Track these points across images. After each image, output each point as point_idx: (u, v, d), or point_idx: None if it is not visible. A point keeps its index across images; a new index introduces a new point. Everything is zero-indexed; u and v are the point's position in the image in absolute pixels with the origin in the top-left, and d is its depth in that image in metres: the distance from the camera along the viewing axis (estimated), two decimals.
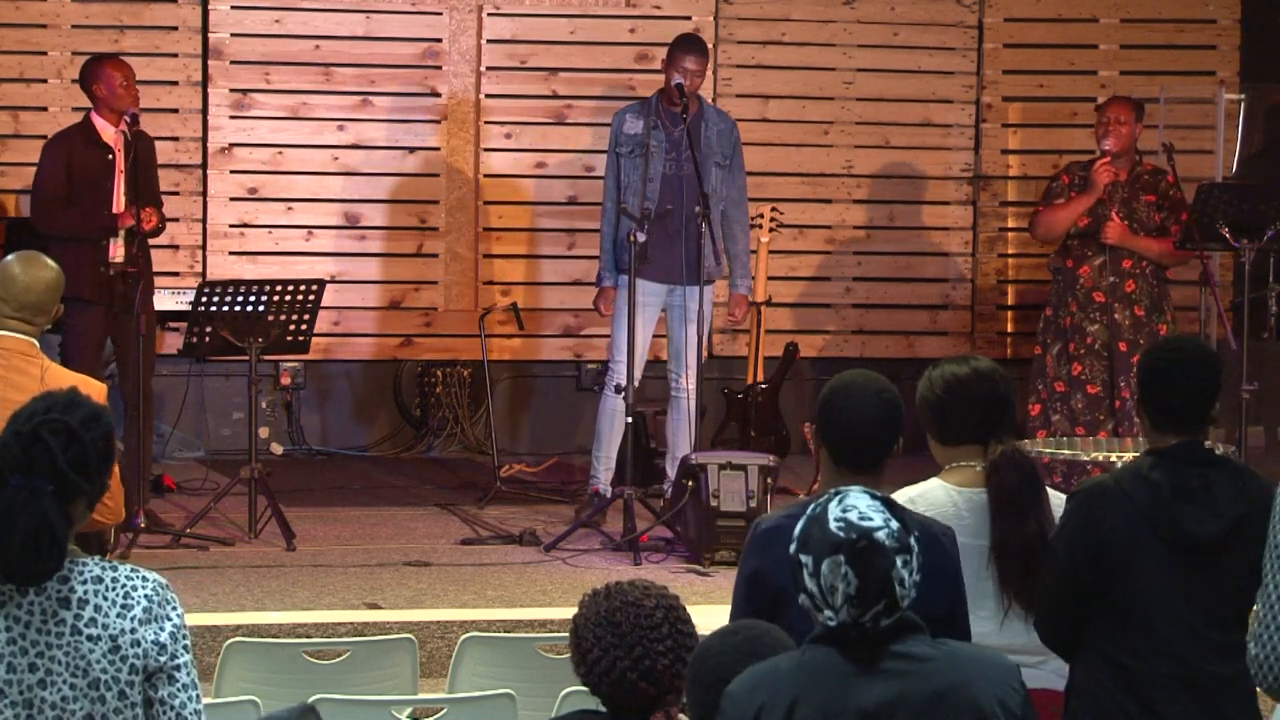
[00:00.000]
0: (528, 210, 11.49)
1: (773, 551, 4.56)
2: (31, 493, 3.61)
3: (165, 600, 3.73)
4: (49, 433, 3.65)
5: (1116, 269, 9.58)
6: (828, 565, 3.56)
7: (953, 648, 3.69)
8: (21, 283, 5.70)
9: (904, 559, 3.56)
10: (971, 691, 3.59)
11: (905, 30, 11.79)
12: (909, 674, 3.57)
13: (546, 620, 7.56)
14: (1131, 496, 4.67)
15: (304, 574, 8.54)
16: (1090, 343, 9.55)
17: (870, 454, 4.57)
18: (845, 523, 3.57)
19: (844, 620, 3.56)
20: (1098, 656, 4.73)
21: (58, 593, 3.67)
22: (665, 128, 9.64)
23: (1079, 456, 8.78)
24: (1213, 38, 12.04)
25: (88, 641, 3.66)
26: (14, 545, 3.59)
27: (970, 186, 11.92)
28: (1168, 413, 4.76)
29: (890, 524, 3.58)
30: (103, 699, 3.67)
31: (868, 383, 4.59)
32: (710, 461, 8.96)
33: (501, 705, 5.71)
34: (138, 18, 11.13)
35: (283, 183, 11.29)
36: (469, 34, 11.42)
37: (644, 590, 4.09)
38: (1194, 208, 9.67)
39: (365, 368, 11.74)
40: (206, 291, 9.24)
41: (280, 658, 6.19)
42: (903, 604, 3.56)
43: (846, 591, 3.54)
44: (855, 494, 3.63)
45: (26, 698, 3.65)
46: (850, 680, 3.56)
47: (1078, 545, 4.70)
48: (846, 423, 4.55)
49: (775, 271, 11.35)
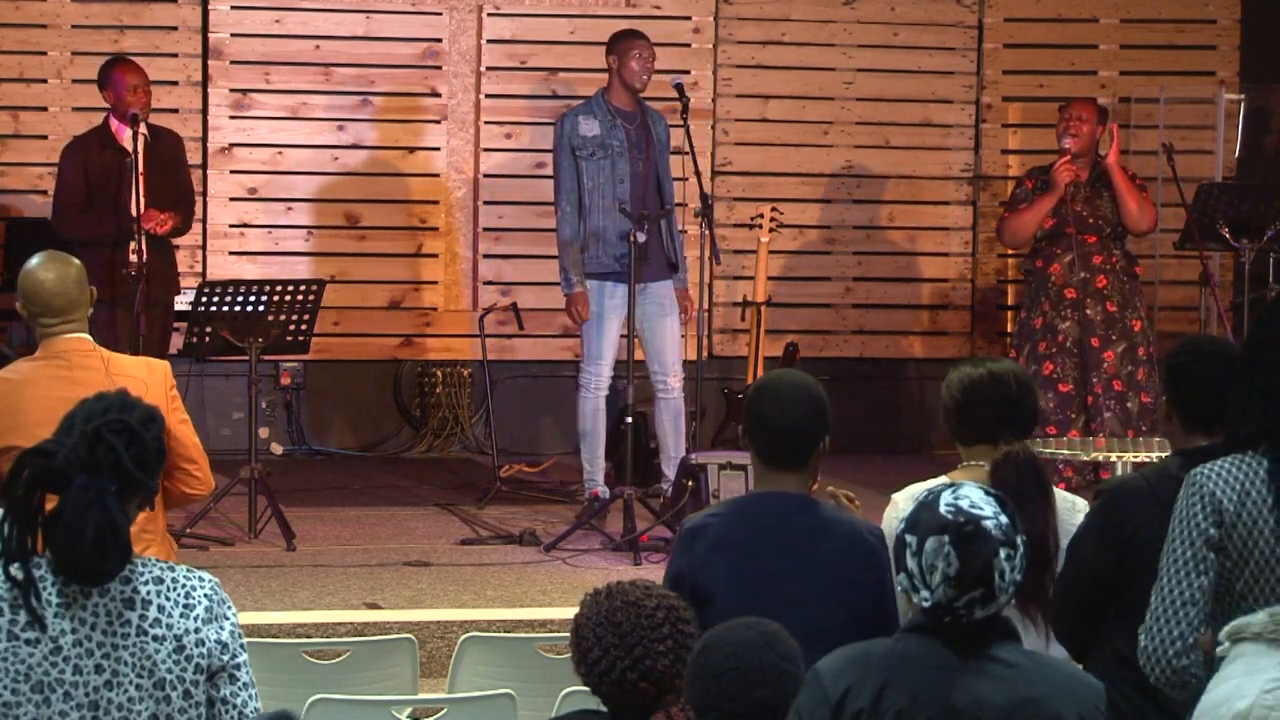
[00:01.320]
0: (527, 210, 11.49)
1: (694, 551, 4.62)
2: (97, 492, 3.63)
3: (222, 600, 3.78)
4: (111, 433, 3.68)
5: (1087, 264, 9.55)
6: (931, 544, 3.59)
7: (1042, 659, 3.72)
8: (49, 289, 5.73)
9: (1008, 553, 3.59)
10: (1055, 705, 3.61)
11: (905, 30, 11.79)
12: (1000, 678, 3.59)
13: (546, 620, 7.56)
14: (1159, 496, 4.68)
15: (304, 574, 8.54)
16: (1061, 340, 9.53)
17: (795, 452, 4.71)
18: (956, 508, 3.61)
19: (938, 601, 3.58)
20: (1113, 655, 4.73)
21: (121, 594, 3.69)
22: (623, 126, 9.63)
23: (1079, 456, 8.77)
24: (1213, 38, 12.04)
25: (153, 642, 3.69)
26: (84, 545, 3.61)
27: (970, 186, 11.92)
28: (1199, 415, 4.77)
29: (1000, 517, 3.61)
30: (168, 699, 3.69)
31: (791, 382, 4.74)
32: (710, 461, 8.96)
33: (501, 705, 5.70)
34: (138, 18, 11.14)
35: (283, 183, 11.30)
36: (469, 34, 11.43)
37: (645, 590, 4.10)
38: (1194, 208, 9.67)
39: (365, 368, 11.74)
40: (206, 291, 9.24)
41: (280, 658, 6.19)
42: (999, 597, 3.58)
43: (946, 572, 3.57)
44: (970, 486, 3.67)
45: (93, 699, 3.66)
46: (944, 674, 3.58)
47: (1104, 542, 4.71)
48: (771, 422, 4.70)
49: (775, 271, 11.35)
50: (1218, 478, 4.34)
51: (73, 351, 5.72)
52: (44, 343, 5.77)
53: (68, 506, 3.63)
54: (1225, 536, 4.32)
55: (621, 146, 9.59)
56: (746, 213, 11.06)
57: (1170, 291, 11.78)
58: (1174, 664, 4.28)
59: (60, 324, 5.76)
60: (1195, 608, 4.28)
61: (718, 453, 9.39)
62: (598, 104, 9.68)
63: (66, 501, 3.63)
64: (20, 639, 3.64)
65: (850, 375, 11.70)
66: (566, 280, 9.67)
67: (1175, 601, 4.29)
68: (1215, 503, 4.31)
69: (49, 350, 5.74)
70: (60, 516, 3.63)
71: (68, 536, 3.62)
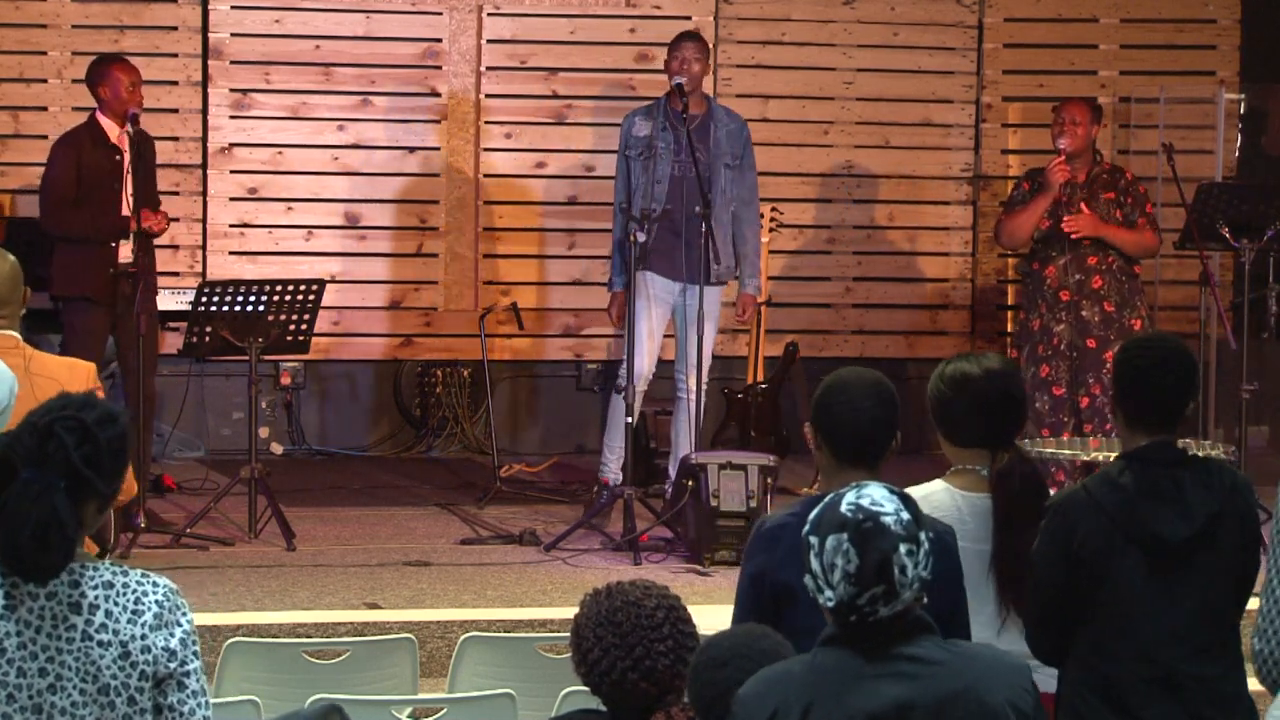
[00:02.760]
0: (528, 210, 11.49)
1: (776, 550, 4.57)
2: (44, 487, 3.61)
3: (176, 606, 3.73)
4: (63, 429, 3.65)
5: (1081, 266, 9.54)
6: (831, 542, 3.57)
7: (963, 649, 3.69)
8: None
9: (908, 548, 3.57)
10: (981, 694, 3.58)
11: (905, 30, 11.79)
12: (919, 676, 3.57)
13: (546, 620, 7.56)
14: (1102, 503, 4.65)
15: (304, 574, 8.54)
16: (1056, 343, 9.52)
17: (869, 449, 4.61)
18: (856, 506, 3.60)
19: (840, 599, 3.55)
20: (1078, 664, 4.73)
21: (68, 597, 3.67)
22: (673, 129, 9.65)
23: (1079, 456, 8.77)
24: (1213, 38, 12.04)
25: (98, 647, 3.66)
26: (24, 537, 3.59)
27: (970, 186, 11.92)
28: (1141, 412, 4.74)
29: (901, 513, 3.60)
30: (112, 705, 3.66)
31: (863, 378, 4.63)
32: (710, 461, 8.96)
33: (501, 705, 5.71)
34: (138, 18, 11.13)
35: (283, 183, 11.29)
36: (469, 34, 11.42)
37: (645, 590, 4.10)
38: (1194, 208, 9.67)
39: (365, 368, 11.74)
40: (206, 291, 9.24)
41: (280, 658, 6.19)
42: (902, 592, 3.55)
43: (845, 569, 3.55)
44: (873, 486, 3.65)
45: (36, 702, 3.64)
46: (860, 683, 3.56)
47: (1053, 556, 4.69)
48: (844, 419, 4.58)
49: (775, 271, 11.35)
50: None
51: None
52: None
53: (11, 498, 3.60)
54: None
55: (665, 148, 9.61)
56: None
57: (1170, 291, 11.78)
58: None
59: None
60: None
61: (718, 453, 9.40)
62: (658, 105, 9.76)
63: (10, 493, 3.60)
64: None
65: None
66: (610, 280, 9.82)
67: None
68: None
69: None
70: (4, 508, 3.60)
71: (8, 528, 3.59)
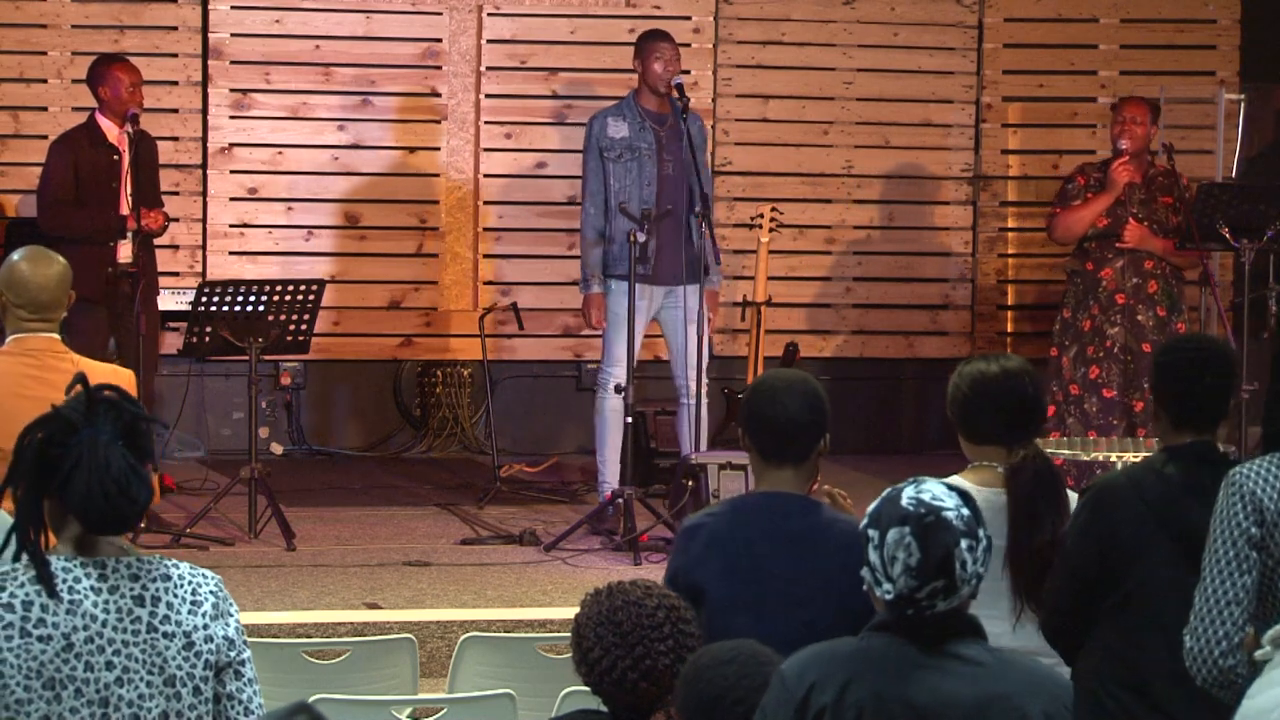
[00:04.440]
0: (527, 210, 11.49)
1: (690, 549, 4.64)
2: (109, 438, 3.62)
3: (226, 596, 3.80)
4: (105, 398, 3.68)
5: (1138, 270, 9.57)
6: (893, 535, 3.59)
7: (1008, 656, 3.70)
8: (35, 284, 5.68)
9: (969, 543, 3.59)
10: (1020, 702, 3.59)
11: (905, 30, 11.79)
12: (962, 675, 3.57)
13: (546, 620, 7.57)
14: (1142, 491, 4.68)
15: (304, 574, 8.54)
16: (1109, 346, 9.52)
17: (791, 447, 4.71)
18: (917, 500, 3.61)
19: (900, 592, 3.57)
20: (1101, 651, 4.73)
21: (131, 590, 3.70)
22: (653, 128, 9.62)
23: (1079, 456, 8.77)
24: (1213, 38, 12.04)
25: (164, 639, 3.70)
26: (109, 483, 3.60)
27: (970, 186, 11.92)
28: (1188, 411, 4.77)
29: (961, 509, 3.62)
30: (178, 695, 3.70)
31: (788, 379, 4.77)
32: (710, 461, 8.97)
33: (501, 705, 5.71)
34: (138, 18, 11.13)
35: (283, 183, 11.29)
36: (469, 34, 11.42)
37: (645, 590, 4.10)
38: (1194, 208, 9.67)
39: (365, 368, 11.74)
40: (206, 291, 9.24)
41: (280, 658, 6.19)
42: (961, 588, 3.57)
43: (907, 562, 3.57)
44: (932, 481, 3.68)
45: (103, 696, 3.66)
46: (906, 671, 3.57)
47: (1087, 538, 4.71)
48: (766, 418, 4.70)
49: (775, 271, 11.33)
50: (1258, 477, 4.33)
51: (45, 351, 5.66)
52: (15, 338, 5.69)
53: (84, 450, 3.61)
54: (1267, 535, 4.30)
55: (651, 149, 9.57)
56: (746, 213, 11.04)
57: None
58: (1220, 664, 4.27)
59: (37, 321, 5.70)
60: (1239, 607, 4.26)
61: (718, 453, 9.39)
62: (628, 106, 9.67)
63: (80, 447, 3.61)
64: (32, 635, 3.63)
65: (850, 375, 11.70)
66: (585, 281, 9.68)
67: (1219, 601, 4.27)
68: (1256, 501, 4.30)
69: (21, 346, 5.66)
70: (78, 464, 3.60)
71: (90, 477, 3.60)
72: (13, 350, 5.68)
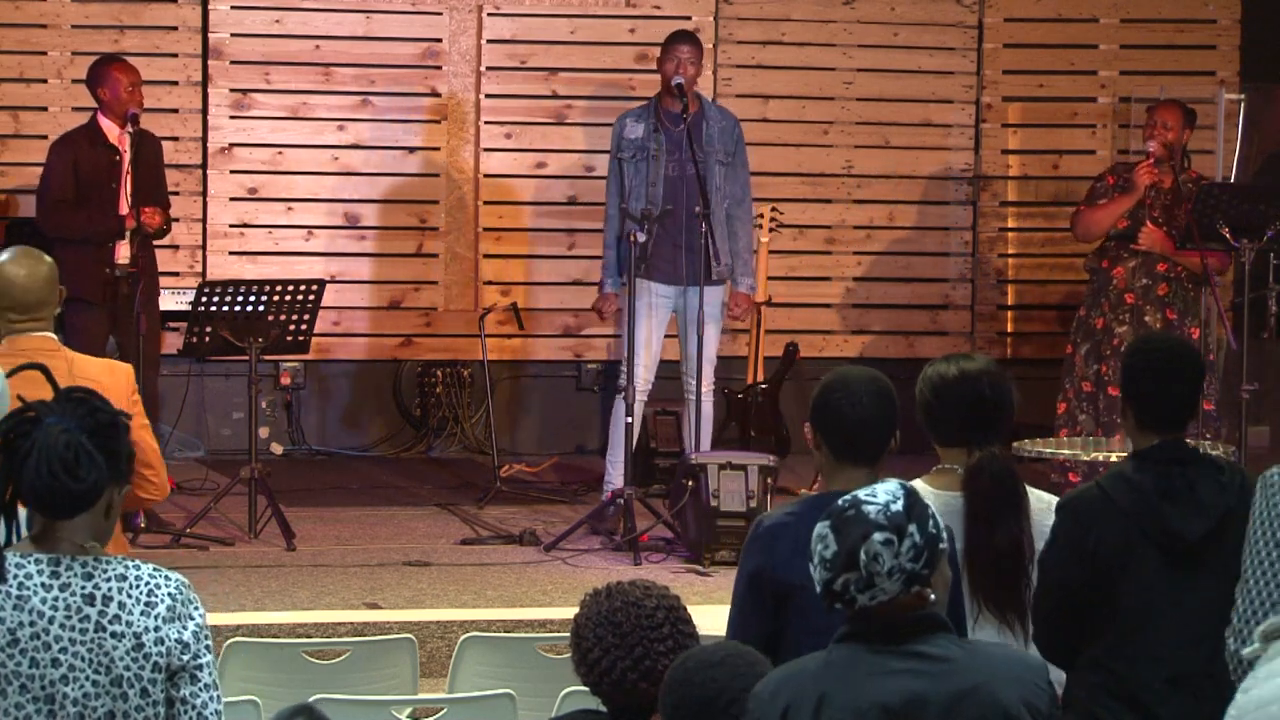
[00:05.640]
0: (527, 210, 11.49)
1: (775, 549, 4.57)
2: (68, 427, 3.63)
3: (188, 600, 3.75)
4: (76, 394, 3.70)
5: (1150, 272, 9.57)
6: (818, 529, 3.62)
7: (979, 647, 3.71)
8: (20, 285, 5.67)
9: (885, 536, 3.55)
10: (995, 691, 3.58)
11: (905, 30, 11.79)
12: (932, 673, 3.57)
13: (546, 620, 7.57)
14: (1116, 502, 4.65)
15: (304, 574, 8.54)
16: (1117, 344, 9.52)
17: (866, 447, 4.63)
18: (853, 497, 3.62)
19: (820, 583, 3.59)
20: (1090, 663, 4.72)
21: (82, 589, 3.68)
22: (667, 129, 9.64)
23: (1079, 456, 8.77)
24: (1213, 38, 12.04)
25: (111, 639, 3.68)
26: (54, 464, 3.60)
27: (970, 186, 11.92)
28: (1156, 412, 4.75)
29: (891, 505, 3.59)
30: (125, 696, 3.68)
31: (862, 376, 4.66)
32: (710, 461, 8.97)
33: (501, 705, 5.71)
34: (138, 18, 11.13)
35: (283, 183, 11.29)
36: (469, 34, 11.42)
37: (645, 590, 4.10)
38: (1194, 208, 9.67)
39: (365, 368, 11.74)
40: (206, 291, 9.25)
41: (280, 658, 6.20)
42: (878, 581, 3.55)
43: (823, 554, 3.58)
44: (890, 481, 3.67)
45: (49, 692, 3.66)
46: (875, 677, 3.56)
47: (1069, 558, 4.68)
48: (842, 416, 4.60)
49: (775, 271, 11.35)
50: None
51: (38, 350, 5.64)
52: (8, 339, 5.67)
53: (40, 436, 3.63)
54: None
55: (659, 149, 9.58)
56: None
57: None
58: None
59: (27, 321, 5.68)
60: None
61: (718, 453, 9.39)
62: (649, 107, 9.72)
63: (40, 433, 3.63)
64: None
65: None
66: (601, 281, 9.76)
67: (1266, 602, 4.20)
68: None
69: (13, 347, 5.63)
70: (32, 449, 3.62)
71: (38, 460, 3.61)
72: (6, 352, 5.65)
